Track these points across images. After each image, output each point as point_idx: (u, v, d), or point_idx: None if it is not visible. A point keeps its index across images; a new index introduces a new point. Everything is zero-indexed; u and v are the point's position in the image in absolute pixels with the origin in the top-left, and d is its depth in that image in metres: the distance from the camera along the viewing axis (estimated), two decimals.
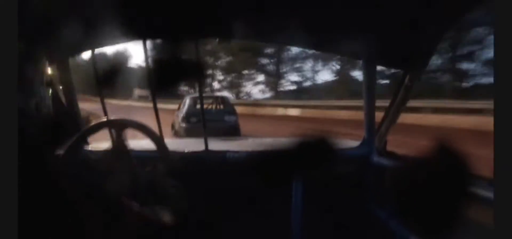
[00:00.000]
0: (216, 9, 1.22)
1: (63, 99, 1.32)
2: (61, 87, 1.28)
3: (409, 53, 1.33)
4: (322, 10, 1.24)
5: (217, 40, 1.53)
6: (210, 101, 7.46)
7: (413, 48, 1.30)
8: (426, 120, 7.82)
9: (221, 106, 7.42)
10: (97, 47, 1.44)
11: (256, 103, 17.44)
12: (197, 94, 5.63)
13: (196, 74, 1.64)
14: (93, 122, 1.08)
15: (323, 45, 1.72)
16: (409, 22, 1.19)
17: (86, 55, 1.46)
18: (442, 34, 1.19)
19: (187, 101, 6.86)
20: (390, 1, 1.18)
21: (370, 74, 1.57)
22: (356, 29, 1.39)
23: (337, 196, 1.60)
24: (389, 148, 1.59)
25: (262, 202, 1.60)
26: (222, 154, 1.66)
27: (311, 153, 1.45)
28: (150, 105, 1.55)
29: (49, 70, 1.10)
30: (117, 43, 1.53)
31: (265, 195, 1.59)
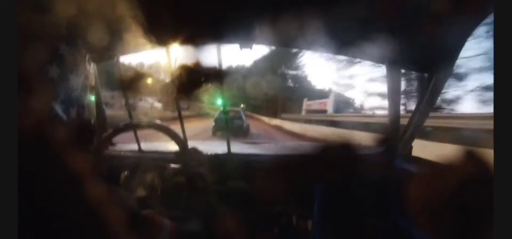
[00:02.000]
0: (241, 15, 1.26)
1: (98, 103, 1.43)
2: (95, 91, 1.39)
3: (435, 56, 1.29)
4: (345, 14, 1.23)
5: (239, 46, 1.57)
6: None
7: (439, 50, 1.26)
8: None
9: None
10: (131, 53, 1.53)
11: None
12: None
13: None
14: (119, 124, 1.13)
15: (346, 49, 1.70)
16: (434, 24, 1.16)
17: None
18: (467, 35, 1.15)
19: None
20: (414, 2, 1.16)
21: (394, 78, 1.53)
22: (380, 32, 1.37)
23: (360, 202, 1.56)
24: None
25: (284, 207, 1.60)
26: (244, 157, 1.69)
27: (334, 158, 1.44)
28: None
29: (91, 75, 1.14)
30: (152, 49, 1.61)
31: (286, 200, 1.59)
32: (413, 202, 1.28)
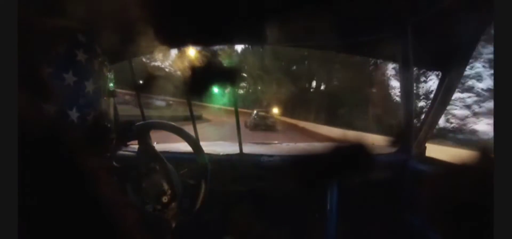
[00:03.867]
0: (249, 14, 1.27)
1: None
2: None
3: (448, 55, 1.27)
4: (358, 12, 1.23)
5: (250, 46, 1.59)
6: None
7: (452, 49, 1.24)
8: None
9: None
10: (146, 55, 1.57)
11: None
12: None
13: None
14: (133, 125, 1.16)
15: (359, 48, 1.69)
16: (447, 22, 1.14)
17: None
18: (480, 34, 1.12)
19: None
20: (427, 1, 1.14)
21: (408, 77, 1.51)
22: (393, 30, 1.36)
23: (373, 202, 1.55)
24: None
25: (297, 207, 1.61)
26: (256, 157, 1.70)
27: (347, 158, 1.43)
28: None
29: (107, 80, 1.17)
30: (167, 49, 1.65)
31: (299, 200, 1.60)
32: (427, 202, 1.27)
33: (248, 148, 1.76)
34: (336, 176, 1.48)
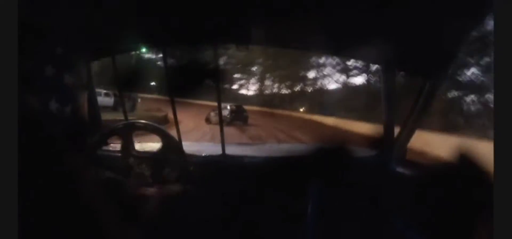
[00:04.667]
0: (235, 15, 1.25)
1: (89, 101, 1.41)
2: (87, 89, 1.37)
3: (430, 59, 1.30)
4: (341, 15, 1.23)
5: (236, 46, 1.56)
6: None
7: (434, 54, 1.27)
8: None
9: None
10: (126, 51, 1.52)
11: None
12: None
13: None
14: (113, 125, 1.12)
15: (342, 50, 1.71)
16: (430, 27, 1.17)
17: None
18: (462, 41, 1.16)
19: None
20: (411, 6, 1.16)
21: (390, 81, 1.53)
22: (376, 34, 1.38)
23: (354, 204, 1.56)
24: None
25: (278, 209, 1.59)
26: (239, 158, 1.68)
27: (328, 160, 1.44)
28: None
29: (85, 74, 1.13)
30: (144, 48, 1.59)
31: (280, 202, 1.58)
32: (408, 204, 1.29)
33: (231, 149, 1.73)
34: (318, 177, 1.48)
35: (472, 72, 9.86)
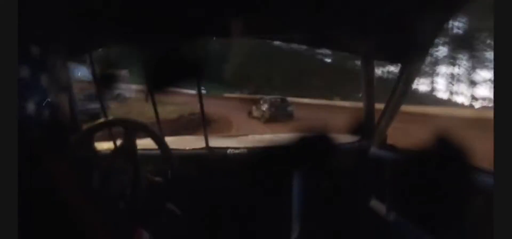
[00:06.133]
0: (214, 7, 1.21)
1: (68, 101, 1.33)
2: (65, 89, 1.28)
3: (407, 46, 1.33)
4: (321, 6, 1.23)
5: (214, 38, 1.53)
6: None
7: (411, 41, 1.30)
8: None
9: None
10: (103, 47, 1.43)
11: None
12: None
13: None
14: (96, 122, 1.07)
15: (322, 41, 1.72)
16: (407, 15, 1.20)
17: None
18: (440, 26, 1.19)
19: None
20: None
21: (369, 69, 1.57)
22: (354, 24, 1.39)
23: (336, 190, 1.60)
24: None
25: (262, 199, 1.61)
26: (222, 150, 1.67)
27: (310, 148, 1.45)
28: None
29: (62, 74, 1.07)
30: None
31: (264, 191, 1.60)
32: (389, 188, 1.33)
33: (214, 142, 1.71)
34: (301, 165, 1.50)
35: None
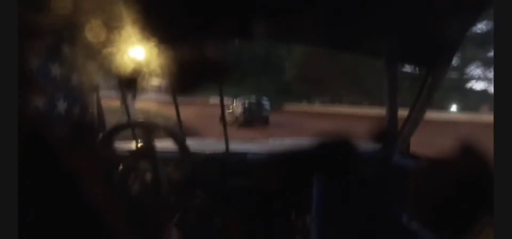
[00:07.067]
0: (236, 10, 1.24)
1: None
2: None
3: (433, 51, 1.29)
4: (343, 8, 1.23)
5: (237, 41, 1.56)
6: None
7: (437, 45, 1.26)
8: None
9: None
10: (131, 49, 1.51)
11: None
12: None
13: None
14: (117, 123, 1.13)
15: (344, 44, 1.70)
16: (433, 19, 1.16)
17: None
18: (465, 32, 1.14)
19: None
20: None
21: (392, 73, 1.53)
22: (378, 27, 1.36)
23: (358, 198, 1.57)
24: None
25: (283, 204, 1.60)
26: (242, 155, 1.69)
27: (333, 155, 1.44)
28: None
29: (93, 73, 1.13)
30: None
31: (285, 197, 1.59)
32: (412, 197, 1.29)
33: (234, 146, 1.74)
34: (322, 172, 1.49)
35: None
